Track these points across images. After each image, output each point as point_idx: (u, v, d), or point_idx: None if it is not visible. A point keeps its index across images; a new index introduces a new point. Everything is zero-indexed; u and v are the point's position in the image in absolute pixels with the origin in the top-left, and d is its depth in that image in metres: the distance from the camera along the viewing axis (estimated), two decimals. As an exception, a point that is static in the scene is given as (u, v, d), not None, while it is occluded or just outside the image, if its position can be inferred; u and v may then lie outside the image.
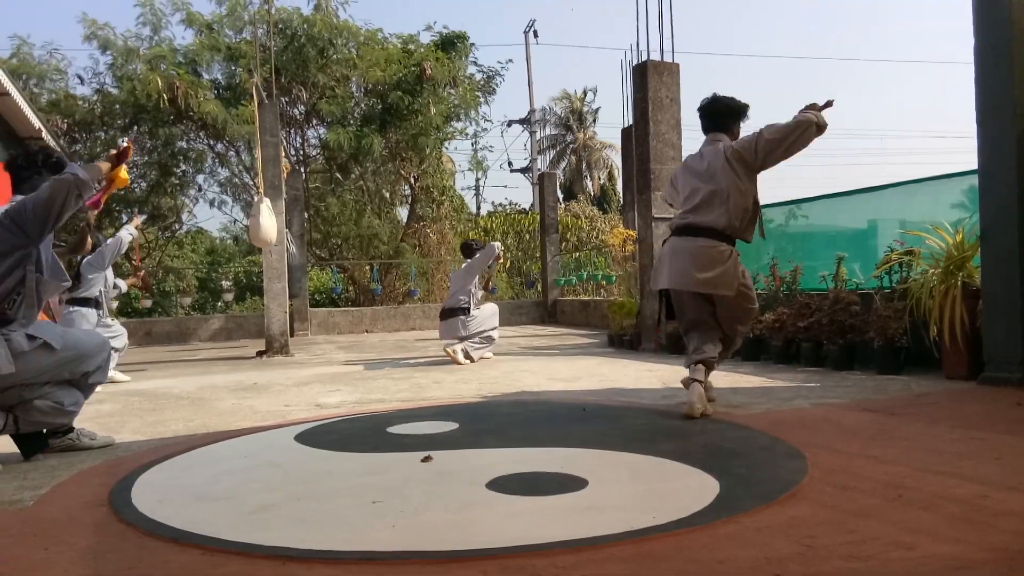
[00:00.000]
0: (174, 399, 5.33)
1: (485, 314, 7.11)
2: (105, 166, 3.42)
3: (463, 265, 7.33)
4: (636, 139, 7.87)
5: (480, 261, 7.09)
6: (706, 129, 4.03)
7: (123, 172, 3.59)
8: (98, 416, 4.67)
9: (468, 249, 7.45)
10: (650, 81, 7.56)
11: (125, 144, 3.56)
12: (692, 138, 8.09)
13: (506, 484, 2.62)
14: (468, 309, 7.01)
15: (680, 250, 3.81)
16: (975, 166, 4.72)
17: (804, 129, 3.62)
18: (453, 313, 7.00)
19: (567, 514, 2.28)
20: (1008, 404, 3.94)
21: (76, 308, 6.07)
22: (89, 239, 5.47)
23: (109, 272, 6.37)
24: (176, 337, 12.27)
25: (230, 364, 7.95)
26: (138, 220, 6.76)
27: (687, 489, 2.50)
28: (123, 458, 3.37)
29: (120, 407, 5.03)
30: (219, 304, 18.38)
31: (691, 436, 3.36)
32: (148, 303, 14.48)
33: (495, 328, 7.16)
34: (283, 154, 11.28)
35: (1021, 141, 4.38)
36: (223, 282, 17.22)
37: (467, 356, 6.82)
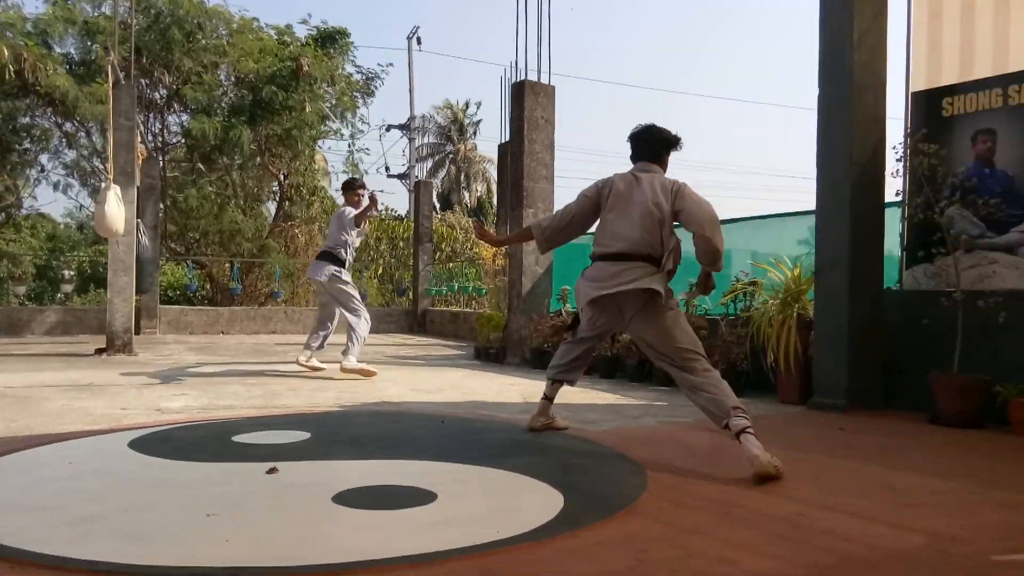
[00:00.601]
0: (-6, 397, 4.85)
1: (355, 296, 6.52)
2: None
3: (338, 210, 6.80)
4: (511, 156, 8.00)
5: (349, 221, 6.54)
6: (637, 157, 3.66)
7: None
8: (-102, 414, 4.18)
9: (349, 186, 6.82)
10: (526, 100, 7.72)
11: None
12: (565, 158, 8.29)
13: (354, 498, 2.57)
14: (343, 261, 6.49)
15: None
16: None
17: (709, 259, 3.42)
18: (327, 256, 6.45)
19: (414, 528, 2.27)
20: (832, 429, 4.30)
21: None
22: None
23: None
24: (5, 329, 11.17)
25: (65, 361, 7.34)
26: None
27: (533, 504, 2.55)
28: (-77, 462, 3.02)
29: (-73, 405, 4.52)
30: (58, 295, 16.93)
31: (543, 451, 3.44)
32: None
33: (359, 318, 6.40)
34: (139, 139, 10.60)
35: (855, 188, 4.82)
36: (64, 272, 15.89)
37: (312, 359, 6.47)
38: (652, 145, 3.62)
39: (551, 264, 7.79)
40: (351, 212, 6.56)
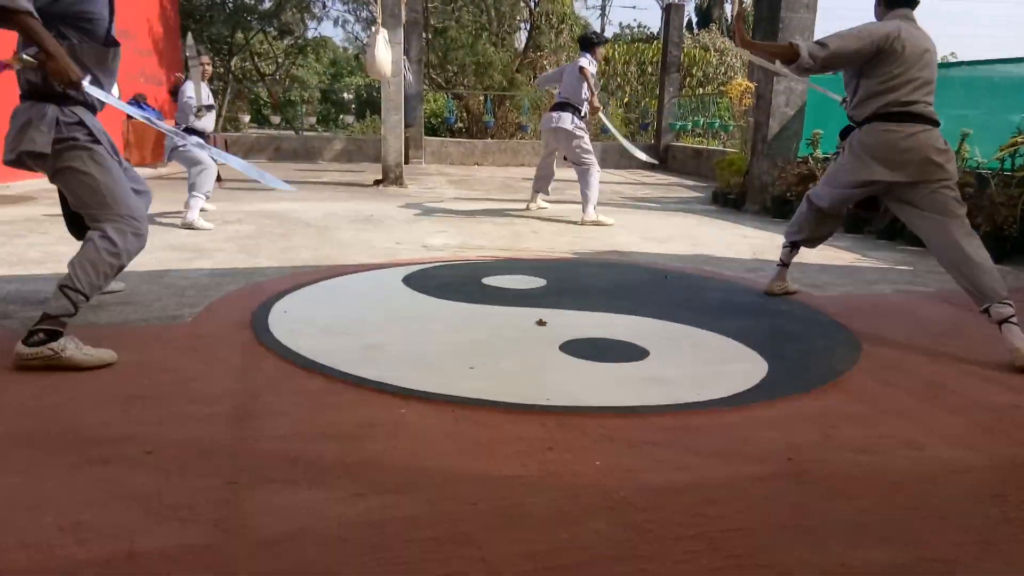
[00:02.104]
0: (302, 225, 5.94)
1: (589, 150, 6.54)
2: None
3: (579, 62, 6.54)
4: (768, -18, 7.35)
5: (591, 81, 6.51)
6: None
7: None
8: (237, 236, 5.34)
9: (587, 42, 6.70)
10: (791, -83, 6.93)
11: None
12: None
13: (577, 348, 2.99)
14: (580, 110, 6.54)
15: None
16: None
17: None
18: (568, 107, 6.52)
19: (624, 382, 2.64)
20: (1104, 310, 3.89)
21: None
22: None
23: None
24: (302, 155, 13.05)
25: (350, 191, 8.56)
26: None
27: (737, 370, 2.79)
28: (261, 284, 3.95)
29: (255, 229, 5.68)
30: (340, 119, 19.09)
31: (759, 315, 3.59)
32: (277, 119, 15.32)
33: (589, 170, 6.45)
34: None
35: None
36: (345, 94, 17.90)
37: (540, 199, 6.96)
38: None
39: (804, 105, 7.30)
40: (593, 70, 6.50)
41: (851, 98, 3.37)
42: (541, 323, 3.30)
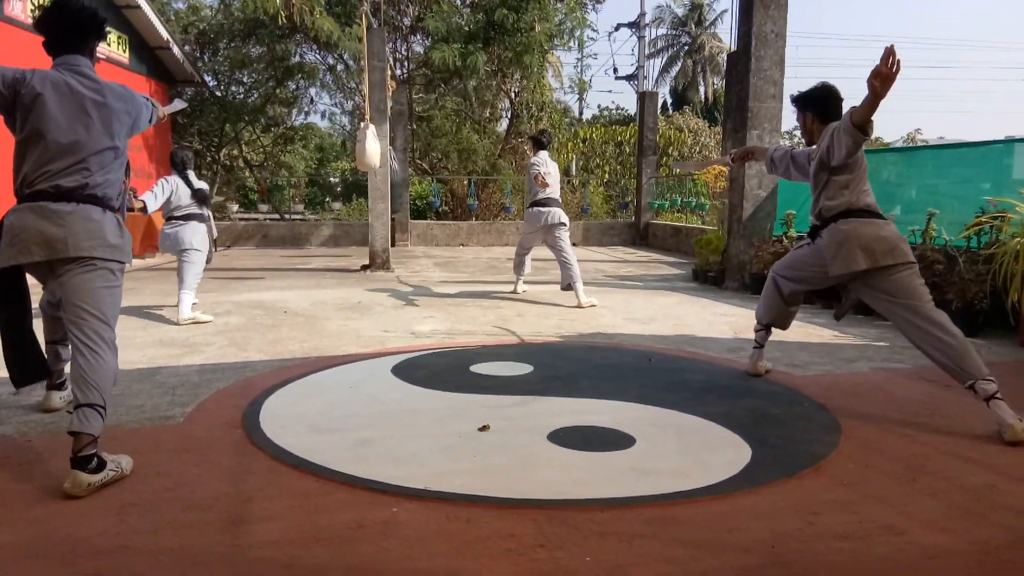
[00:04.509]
0: (290, 315, 6.02)
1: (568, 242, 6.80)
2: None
3: (545, 162, 6.93)
4: (737, 75, 7.75)
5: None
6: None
7: None
8: (226, 329, 5.40)
9: (538, 142, 7.12)
10: (755, 15, 7.37)
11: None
12: (793, 76, 7.81)
13: (565, 437, 3.05)
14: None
15: None
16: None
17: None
18: (556, 203, 6.81)
19: (612, 472, 2.70)
20: (1074, 382, 4.00)
21: None
22: None
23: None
24: (290, 241, 13.23)
25: (338, 277, 8.68)
26: None
27: (722, 456, 2.85)
28: (251, 379, 4.00)
29: (245, 321, 5.75)
30: (327, 200, 19.41)
31: (741, 397, 3.67)
32: (265, 206, 15.59)
33: (569, 259, 6.65)
34: (389, 73, 11.65)
35: None
36: (331, 178, 18.29)
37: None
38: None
39: (775, 188, 7.58)
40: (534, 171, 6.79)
41: (818, 197, 3.53)
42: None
